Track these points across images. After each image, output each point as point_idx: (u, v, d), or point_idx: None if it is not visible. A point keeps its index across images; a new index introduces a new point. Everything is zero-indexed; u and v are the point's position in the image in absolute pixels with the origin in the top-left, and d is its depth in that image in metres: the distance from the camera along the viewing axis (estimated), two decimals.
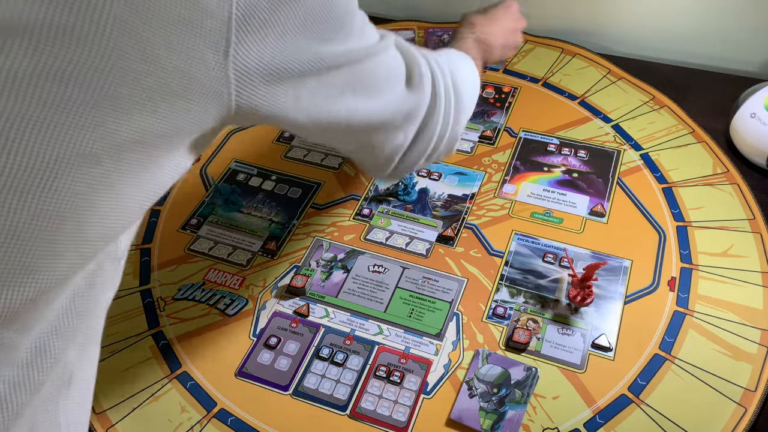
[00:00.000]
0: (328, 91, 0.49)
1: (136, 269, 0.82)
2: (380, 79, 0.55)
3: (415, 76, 0.60)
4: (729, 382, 0.67)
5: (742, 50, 1.03)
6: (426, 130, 0.63)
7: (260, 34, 0.40)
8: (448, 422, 0.66)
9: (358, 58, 0.51)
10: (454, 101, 0.65)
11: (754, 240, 0.79)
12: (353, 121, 0.53)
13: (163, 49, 0.35)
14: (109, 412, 0.69)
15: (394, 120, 0.59)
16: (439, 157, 0.69)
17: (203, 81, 0.39)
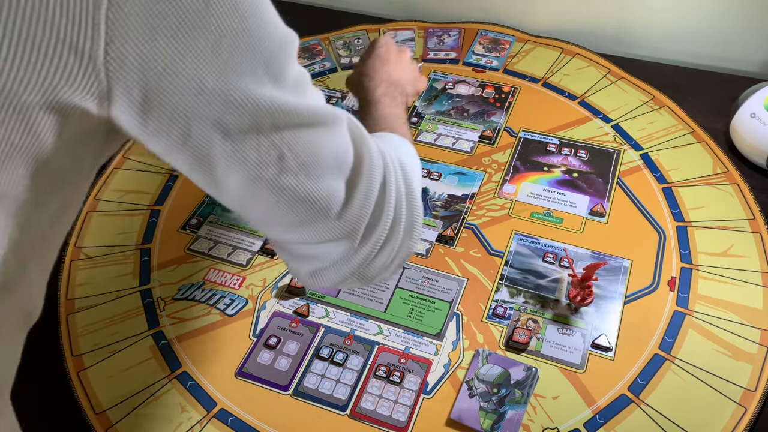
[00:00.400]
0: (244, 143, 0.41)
1: (136, 269, 0.82)
2: (320, 159, 0.45)
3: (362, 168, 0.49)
4: (729, 382, 0.67)
5: (742, 50, 1.03)
6: (367, 240, 0.50)
7: (144, 43, 0.36)
8: (448, 422, 0.66)
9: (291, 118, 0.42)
10: (406, 208, 0.53)
11: (754, 240, 0.79)
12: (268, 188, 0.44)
13: None
14: (109, 412, 0.69)
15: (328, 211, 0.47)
16: (378, 276, 0.54)
17: (65, 89, 0.36)
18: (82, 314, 0.77)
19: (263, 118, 0.41)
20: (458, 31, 1.14)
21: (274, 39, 0.41)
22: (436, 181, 0.89)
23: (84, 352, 0.74)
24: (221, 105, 0.40)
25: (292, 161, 0.44)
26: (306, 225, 0.48)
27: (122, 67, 0.36)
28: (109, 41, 0.35)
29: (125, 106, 0.38)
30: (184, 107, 0.39)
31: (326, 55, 1.12)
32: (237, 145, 0.41)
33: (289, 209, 0.46)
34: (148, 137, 0.40)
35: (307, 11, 1.24)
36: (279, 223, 0.48)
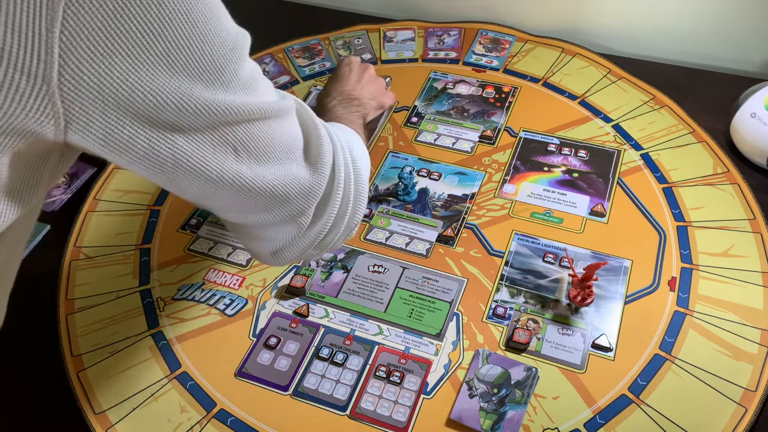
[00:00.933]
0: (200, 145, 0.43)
1: (136, 269, 0.82)
2: (271, 147, 0.49)
3: (312, 150, 0.53)
4: (729, 382, 0.67)
5: (742, 50, 1.03)
6: (320, 216, 0.56)
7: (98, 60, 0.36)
8: (448, 422, 0.66)
9: (244, 116, 0.45)
10: (354, 185, 0.58)
11: (755, 240, 0.79)
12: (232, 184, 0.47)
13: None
14: (109, 412, 0.69)
15: (286, 194, 0.51)
16: (332, 246, 0.60)
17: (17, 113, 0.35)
18: (81, 314, 0.77)
19: (217, 120, 0.43)
20: (458, 31, 1.14)
21: (227, 44, 0.42)
22: (436, 181, 0.89)
23: (84, 352, 0.74)
24: (177, 113, 0.41)
25: (245, 154, 0.47)
26: (264, 210, 0.52)
27: (77, 89, 0.36)
28: (63, 64, 0.35)
29: (83, 126, 0.38)
30: (143, 118, 0.40)
31: (326, 55, 1.11)
32: (194, 146, 0.43)
33: (246, 199, 0.50)
34: (109, 153, 0.41)
35: (307, 11, 1.24)
36: (238, 211, 0.52)
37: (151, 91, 0.39)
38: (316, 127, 0.54)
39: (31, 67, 0.34)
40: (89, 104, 0.37)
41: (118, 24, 0.36)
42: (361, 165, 0.60)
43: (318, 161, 0.53)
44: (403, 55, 1.10)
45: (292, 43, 1.14)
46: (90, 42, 0.35)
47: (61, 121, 0.37)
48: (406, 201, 0.87)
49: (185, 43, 0.39)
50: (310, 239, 0.56)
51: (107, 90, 0.37)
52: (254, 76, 0.46)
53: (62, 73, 0.35)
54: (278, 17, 1.22)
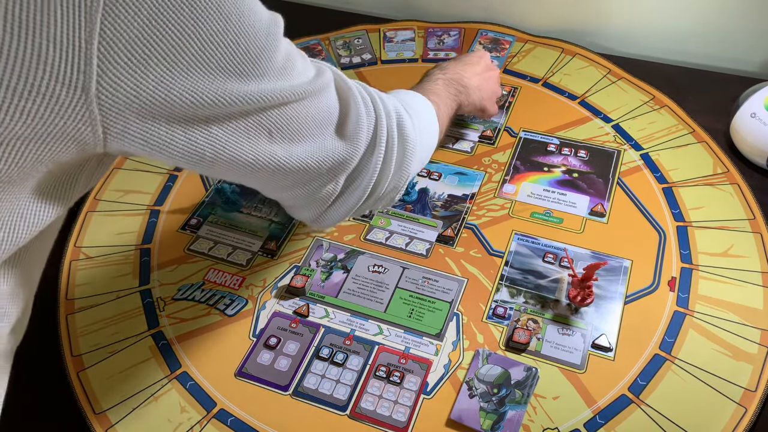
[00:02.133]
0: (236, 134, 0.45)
1: (136, 269, 0.82)
2: (305, 126, 0.49)
3: (349, 123, 0.54)
4: (729, 383, 0.67)
5: (742, 50, 1.03)
6: (358, 179, 0.57)
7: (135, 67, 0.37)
8: (448, 422, 0.66)
9: (278, 101, 0.46)
10: (398, 148, 0.59)
11: (755, 240, 0.79)
12: (267, 167, 0.49)
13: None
14: (109, 413, 0.69)
15: (320, 169, 0.53)
16: (377, 206, 0.63)
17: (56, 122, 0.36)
18: (81, 314, 0.77)
19: (253, 108, 0.44)
20: (458, 31, 1.14)
21: (260, 33, 0.42)
22: (436, 181, 0.89)
23: (84, 352, 0.74)
24: (213, 108, 0.41)
25: (279, 136, 0.47)
26: (296, 186, 0.54)
27: (115, 96, 0.37)
28: (101, 73, 0.36)
29: (120, 131, 0.39)
30: (179, 118, 0.40)
31: (326, 55, 1.12)
32: (230, 135, 0.44)
33: (281, 177, 0.51)
34: (150, 153, 0.42)
35: (307, 11, 1.24)
36: (278, 188, 0.54)
37: (187, 92, 0.39)
38: (355, 100, 0.54)
39: (72, 78, 0.35)
40: (127, 111, 0.38)
41: (153, 30, 0.36)
42: (409, 133, 0.60)
43: (354, 133, 0.54)
44: (403, 55, 1.10)
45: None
46: (127, 50, 0.36)
47: (98, 129, 0.38)
48: (406, 201, 0.87)
49: (219, 40, 0.40)
50: (347, 208, 0.59)
51: (144, 95, 0.38)
52: (289, 58, 0.46)
53: (100, 83, 0.36)
54: None
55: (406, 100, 0.65)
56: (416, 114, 0.63)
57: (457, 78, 0.79)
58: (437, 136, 0.69)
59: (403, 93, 0.69)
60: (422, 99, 0.70)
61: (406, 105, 0.62)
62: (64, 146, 0.37)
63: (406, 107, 0.62)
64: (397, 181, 0.61)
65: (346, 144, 0.54)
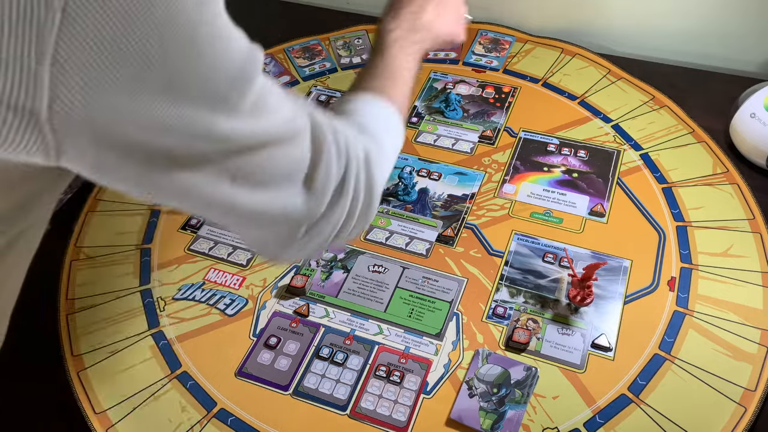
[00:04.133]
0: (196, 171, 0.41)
1: (136, 269, 0.82)
2: (271, 173, 0.46)
3: (318, 175, 0.49)
4: (729, 382, 0.67)
5: (742, 50, 1.03)
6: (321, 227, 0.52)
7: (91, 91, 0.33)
8: (448, 422, 0.66)
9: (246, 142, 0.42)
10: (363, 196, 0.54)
11: (754, 240, 0.79)
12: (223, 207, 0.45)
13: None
14: (109, 412, 0.69)
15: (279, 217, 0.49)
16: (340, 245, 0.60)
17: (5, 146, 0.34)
18: (82, 314, 0.77)
19: (216, 148, 0.41)
20: None
21: (234, 67, 0.40)
22: (436, 181, 0.89)
23: (84, 352, 0.74)
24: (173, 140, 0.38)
25: (243, 181, 0.44)
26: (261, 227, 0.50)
27: (68, 121, 0.34)
28: (54, 97, 0.33)
29: (74, 156, 0.36)
30: (136, 146, 0.37)
31: (326, 55, 1.12)
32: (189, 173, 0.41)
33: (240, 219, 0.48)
34: (100, 179, 0.39)
35: (307, 11, 1.24)
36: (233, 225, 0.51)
37: (147, 121, 0.36)
38: (329, 150, 0.50)
39: (18, 101, 0.32)
40: (81, 136, 0.35)
41: (114, 55, 0.33)
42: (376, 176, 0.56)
43: (322, 186, 0.50)
44: None
45: (292, 44, 1.14)
46: (84, 74, 0.33)
47: (51, 152, 0.35)
48: (406, 201, 0.87)
49: (188, 72, 0.37)
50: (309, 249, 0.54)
51: (100, 121, 0.35)
52: (264, 96, 0.43)
53: (52, 107, 0.33)
54: (278, 17, 1.22)
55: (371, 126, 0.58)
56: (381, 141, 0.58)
57: (413, 21, 0.68)
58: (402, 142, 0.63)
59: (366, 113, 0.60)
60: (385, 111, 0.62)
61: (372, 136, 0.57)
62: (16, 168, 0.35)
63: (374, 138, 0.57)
64: (362, 224, 0.57)
65: (312, 196, 0.49)
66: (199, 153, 0.40)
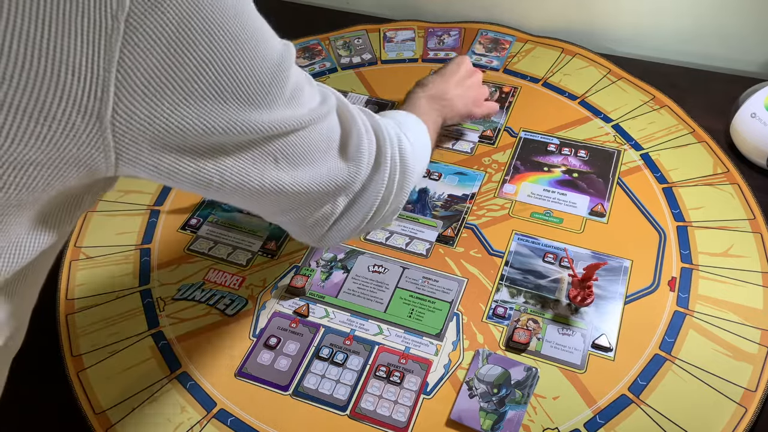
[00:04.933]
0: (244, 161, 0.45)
1: (136, 269, 0.82)
2: (310, 151, 0.51)
3: (351, 146, 0.55)
4: (729, 383, 0.67)
5: (743, 50, 1.03)
6: (361, 201, 0.59)
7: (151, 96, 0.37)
8: (448, 422, 0.66)
9: (286, 129, 0.47)
10: (399, 171, 0.61)
11: (755, 240, 0.79)
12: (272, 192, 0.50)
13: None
14: (109, 412, 0.69)
15: (322, 191, 0.54)
16: (376, 226, 0.65)
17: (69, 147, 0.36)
18: (81, 314, 0.77)
19: (261, 137, 0.45)
20: (458, 31, 1.14)
21: (273, 63, 0.43)
22: (436, 181, 0.89)
23: (84, 352, 0.74)
24: (223, 136, 0.42)
25: (285, 162, 0.48)
26: (303, 207, 0.55)
27: (129, 124, 0.37)
28: (117, 101, 0.36)
29: (133, 158, 0.39)
30: (190, 146, 0.41)
31: (326, 55, 1.12)
32: (237, 163, 0.45)
33: (285, 201, 0.52)
34: (159, 179, 0.42)
35: (307, 11, 1.24)
36: (280, 212, 0.55)
37: (199, 121, 0.40)
38: (356, 124, 0.56)
39: (88, 105, 0.35)
40: (140, 138, 0.38)
41: (170, 59, 0.36)
42: (408, 156, 0.62)
43: (356, 156, 0.55)
44: (403, 55, 1.10)
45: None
46: (144, 79, 0.36)
47: (111, 155, 0.38)
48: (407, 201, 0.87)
49: (234, 71, 0.40)
50: (350, 228, 0.60)
51: (158, 124, 0.38)
52: (298, 87, 0.47)
53: (116, 110, 0.36)
54: (278, 17, 1.21)
55: (402, 122, 0.67)
56: (413, 136, 0.66)
57: (439, 93, 0.82)
58: (429, 155, 0.73)
59: (398, 115, 0.71)
60: (415, 119, 0.72)
61: (404, 128, 0.65)
62: (75, 171, 0.37)
63: (404, 131, 0.64)
64: (398, 202, 0.63)
65: (348, 166, 0.55)
66: (245, 142, 0.44)
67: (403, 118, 0.70)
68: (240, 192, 0.47)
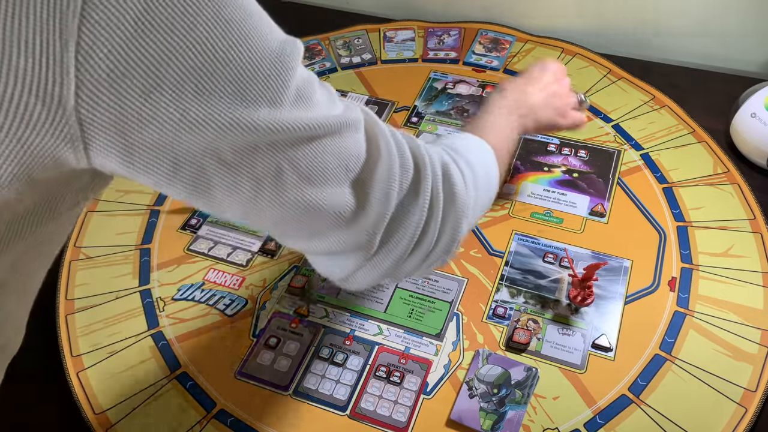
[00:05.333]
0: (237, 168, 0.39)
1: (136, 269, 0.82)
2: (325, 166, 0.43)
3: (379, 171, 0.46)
4: (729, 383, 0.67)
5: (743, 50, 1.03)
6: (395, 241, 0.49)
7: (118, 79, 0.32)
8: (448, 423, 0.66)
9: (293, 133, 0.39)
10: (444, 207, 0.51)
11: (755, 240, 0.79)
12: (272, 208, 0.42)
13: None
14: (109, 413, 0.69)
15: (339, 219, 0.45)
16: (419, 272, 0.54)
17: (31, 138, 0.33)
18: (81, 314, 0.77)
19: (259, 140, 0.38)
20: (458, 31, 1.14)
21: (270, 54, 0.38)
22: None
23: (83, 352, 0.74)
24: (210, 133, 0.36)
25: (293, 175, 0.41)
26: (318, 235, 0.47)
27: (96, 110, 0.33)
28: (80, 84, 0.32)
29: (104, 149, 0.35)
30: (168, 141, 0.36)
31: (326, 55, 1.11)
32: (233, 168, 0.39)
33: (295, 222, 0.45)
34: (135, 175, 0.37)
35: (307, 11, 1.24)
36: (290, 235, 0.48)
37: (177, 113, 0.35)
38: (387, 145, 0.47)
39: (46, 90, 0.31)
40: (110, 128, 0.34)
41: (139, 37, 0.32)
42: (458, 189, 0.52)
43: (385, 183, 0.46)
44: (403, 55, 1.10)
45: None
46: (109, 61, 0.32)
47: (79, 145, 0.34)
48: None
49: (219, 56, 0.35)
50: (382, 269, 0.50)
51: (128, 113, 0.34)
52: (307, 88, 0.41)
53: (79, 95, 0.32)
54: (278, 17, 1.21)
55: (459, 148, 0.56)
56: (468, 164, 0.55)
57: (519, 100, 0.70)
58: (497, 184, 0.61)
59: (457, 139, 0.60)
60: (478, 143, 0.61)
61: (456, 155, 0.55)
62: (41, 164, 0.34)
63: (456, 158, 0.54)
64: (447, 245, 0.52)
65: (374, 194, 0.46)
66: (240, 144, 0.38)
67: (463, 143, 0.59)
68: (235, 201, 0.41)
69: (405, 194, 0.48)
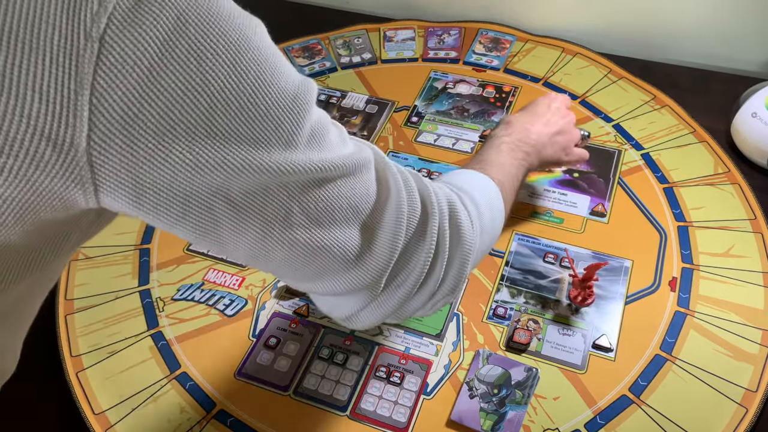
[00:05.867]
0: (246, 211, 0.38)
1: (135, 269, 0.82)
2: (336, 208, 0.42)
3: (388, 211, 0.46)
4: (730, 383, 0.67)
5: (744, 50, 1.03)
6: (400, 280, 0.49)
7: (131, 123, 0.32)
8: (449, 423, 0.66)
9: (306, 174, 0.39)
10: (450, 247, 0.50)
11: (755, 240, 0.79)
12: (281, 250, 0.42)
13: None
14: (109, 413, 0.69)
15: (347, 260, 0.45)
16: (425, 312, 0.54)
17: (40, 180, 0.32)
18: (81, 315, 0.77)
19: (271, 181, 0.38)
20: (458, 31, 1.14)
21: (284, 95, 0.37)
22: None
23: (83, 352, 0.74)
24: (222, 175, 0.36)
25: (303, 217, 0.41)
26: (324, 276, 0.46)
27: (108, 153, 0.33)
28: (93, 127, 0.32)
29: (114, 190, 0.35)
30: (180, 183, 0.36)
31: (326, 55, 1.11)
32: (242, 209, 0.38)
33: (302, 263, 0.44)
34: (144, 215, 0.37)
35: (307, 11, 1.24)
36: (296, 276, 0.47)
37: (188, 155, 0.35)
38: (397, 185, 0.47)
39: (58, 133, 0.31)
40: (121, 169, 0.34)
41: (153, 82, 0.32)
42: (465, 228, 0.51)
43: (394, 224, 0.46)
44: (403, 54, 1.10)
45: (291, 43, 1.13)
46: (123, 103, 0.32)
47: (89, 187, 0.34)
48: None
49: (232, 100, 0.35)
50: (386, 309, 0.50)
51: (140, 154, 0.33)
52: (321, 129, 0.40)
53: (92, 138, 0.32)
54: (278, 17, 1.21)
55: (464, 186, 0.56)
56: (474, 202, 0.55)
57: (523, 137, 0.70)
58: (502, 222, 0.61)
59: (462, 176, 0.60)
60: (483, 180, 0.60)
61: (462, 194, 0.54)
62: (49, 206, 0.33)
63: (462, 197, 0.54)
64: (453, 284, 0.52)
65: (383, 235, 0.46)
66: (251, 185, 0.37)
67: (468, 181, 0.59)
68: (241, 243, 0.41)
69: (412, 234, 0.48)
